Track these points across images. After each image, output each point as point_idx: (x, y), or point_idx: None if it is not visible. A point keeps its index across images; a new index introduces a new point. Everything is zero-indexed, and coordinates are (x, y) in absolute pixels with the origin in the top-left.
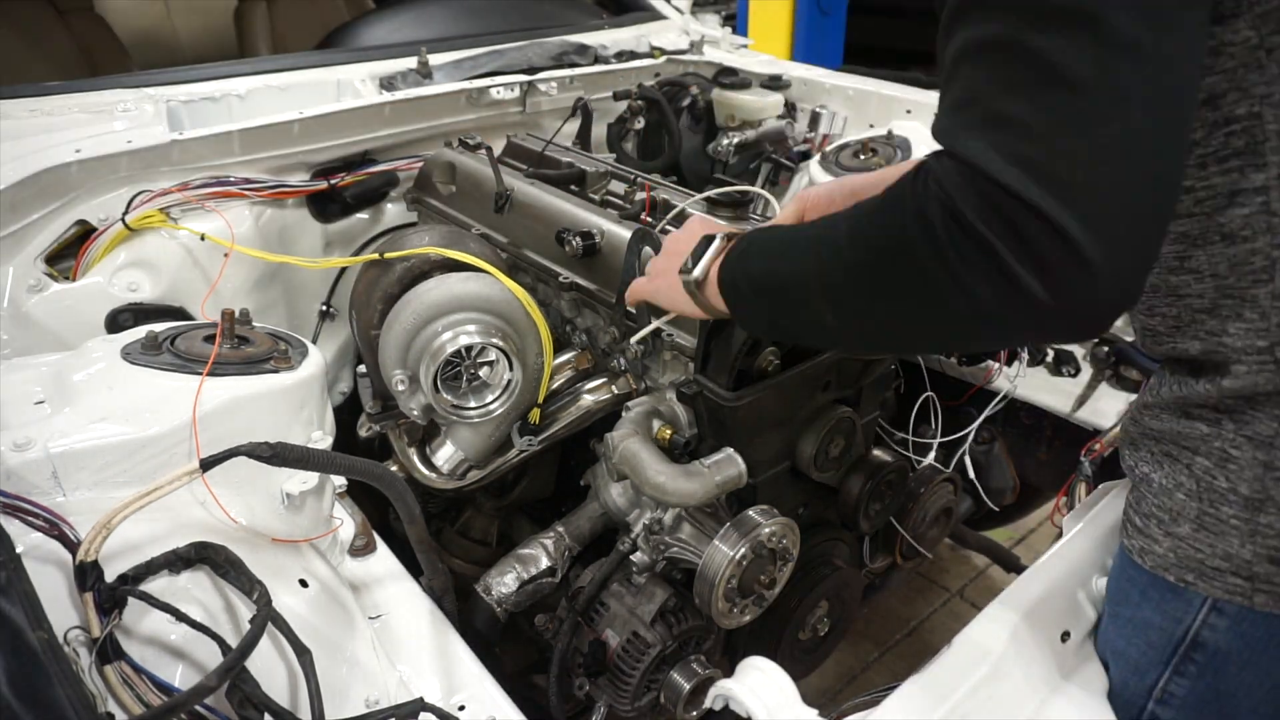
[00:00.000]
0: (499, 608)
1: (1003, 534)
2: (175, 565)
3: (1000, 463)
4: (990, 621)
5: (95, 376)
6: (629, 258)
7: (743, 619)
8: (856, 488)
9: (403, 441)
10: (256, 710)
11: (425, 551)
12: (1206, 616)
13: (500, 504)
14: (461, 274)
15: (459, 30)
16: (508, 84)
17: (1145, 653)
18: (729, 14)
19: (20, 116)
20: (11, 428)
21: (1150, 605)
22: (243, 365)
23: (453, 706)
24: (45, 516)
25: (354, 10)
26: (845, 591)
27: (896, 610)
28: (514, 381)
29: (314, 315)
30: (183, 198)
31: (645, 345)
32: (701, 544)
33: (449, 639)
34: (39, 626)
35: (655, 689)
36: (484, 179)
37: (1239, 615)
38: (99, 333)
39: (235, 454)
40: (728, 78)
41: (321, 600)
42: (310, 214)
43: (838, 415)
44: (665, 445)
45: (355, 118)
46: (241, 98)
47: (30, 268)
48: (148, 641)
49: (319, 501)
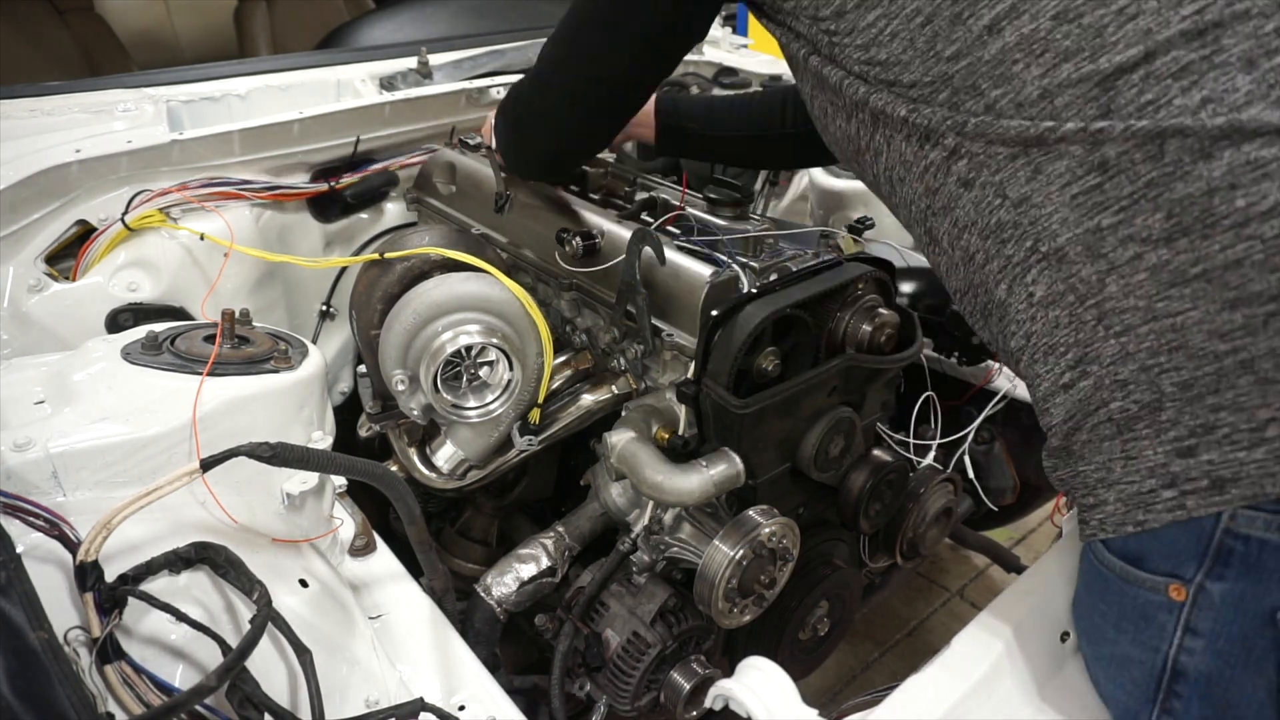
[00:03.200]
0: (499, 608)
1: (1003, 534)
2: (175, 565)
3: (1000, 463)
4: (990, 621)
5: (95, 376)
6: (629, 258)
7: (743, 619)
8: (856, 488)
9: (403, 441)
10: (256, 710)
11: (425, 552)
12: (1182, 640)
13: (500, 504)
14: (462, 274)
15: (459, 30)
16: (508, 84)
17: (1132, 693)
18: (729, 14)
19: (20, 116)
20: (11, 428)
21: (1126, 639)
22: (243, 365)
23: (453, 706)
24: (45, 516)
25: (354, 10)
26: (845, 591)
27: (896, 610)
28: (514, 381)
29: (314, 315)
30: (182, 198)
31: (645, 345)
32: (701, 544)
33: (449, 639)
34: (39, 626)
35: (655, 689)
36: (484, 179)
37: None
38: (99, 333)
39: (235, 454)
40: (728, 78)
41: (321, 600)
42: (310, 214)
43: (838, 415)
44: (664, 445)
45: (355, 118)
46: (241, 98)
47: (30, 268)
48: (148, 641)
49: (319, 501)
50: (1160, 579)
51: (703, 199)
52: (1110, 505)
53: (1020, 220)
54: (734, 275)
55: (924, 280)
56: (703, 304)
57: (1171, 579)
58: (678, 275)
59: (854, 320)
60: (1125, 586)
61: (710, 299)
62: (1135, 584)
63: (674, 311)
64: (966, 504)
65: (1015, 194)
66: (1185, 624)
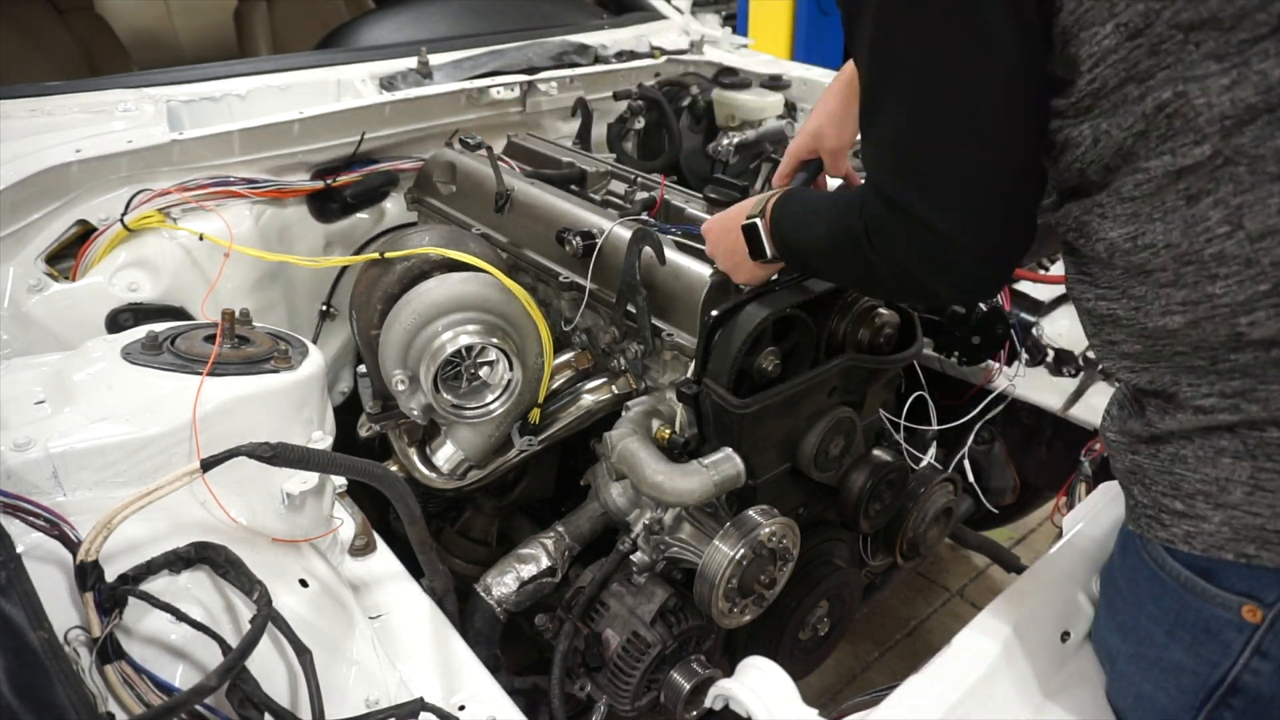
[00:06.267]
0: (499, 608)
1: (1003, 534)
2: (175, 565)
3: (1000, 463)
4: (990, 621)
5: (95, 376)
6: (629, 258)
7: (743, 619)
8: (856, 488)
9: (403, 441)
10: (257, 710)
11: (425, 552)
12: (1249, 661)
13: (500, 504)
14: (462, 274)
15: (459, 30)
16: (508, 84)
17: (1175, 698)
18: (729, 14)
19: (20, 116)
20: (12, 428)
21: (1180, 647)
22: (243, 365)
23: (453, 706)
24: (46, 516)
25: (354, 10)
26: (845, 591)
27: (896, 610)
28: (514, 381)
29: (314, 315)
30: (182, 198)
31: (645, 345)
32: (701, 544)
33: (449, 639)
34: (39, 626)
35: (655, 689)
36: (484, 179)
37: None
38: (99, 333)
39: (236, 454)
40: (728, 78)
41: (321, 600)
42: (310, 214)
43: (838, 415)
44: (664, 445)
45: (355, 118)
46: (242, 98)
47: (30, 268)
48: (148, 641)
49: (319, 501)
50: (1234, 598)
51: (703, 199)
52: (1211, 525)
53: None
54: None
55: None
56: (703, 304)
57: (1247, 599)
58: (678, 275)
59: (854, 320)
60: (1187, 596)
61: (710, 299)
62: (1200, 596)
63: (674, 311)
64: (966, 504)
65: (1256, 226)
66: (1256, 646)
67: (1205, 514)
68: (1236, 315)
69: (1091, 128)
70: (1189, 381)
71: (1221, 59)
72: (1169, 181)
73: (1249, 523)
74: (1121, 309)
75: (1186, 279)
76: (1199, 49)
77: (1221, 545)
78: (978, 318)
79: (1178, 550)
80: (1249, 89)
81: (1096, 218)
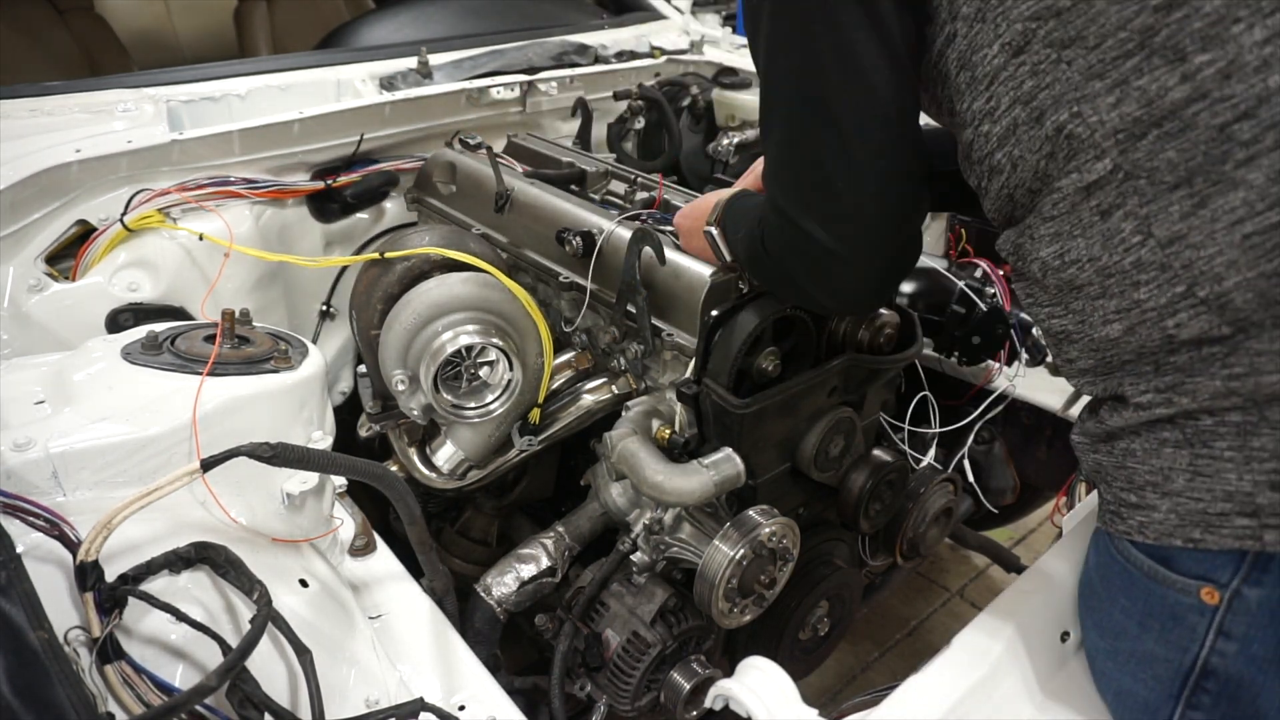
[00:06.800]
0: (499, 608)
1: (1003, 534)
2: (175, 565)
3: (1000, 463)
4: (990, 621)
5: (95, 376)
6: (629, 258)
7: (743, 619)
8: (856, 488)
9: (403, 441)
10: (257, 710)
11: (425, 552)
12: (1214, 643)
13: (500, 504)
14: (462, 274)
15: (459, 30)
16: (508, 84)
17: (1154, 689)
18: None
19: (20, 116)
20: (12, 428)
21: (1151, 636)
22: (243, 365)
23: (453, 706)
24: (45, 516)
25: (354, 10)
26: (845, 591)
27: (896, 610)
28: (514, 381)
29: (314, 315)
30: (182, 198)
31: (645, 345)
32: (701, 544)
33: (449, 639)
34: (39, 626)
35: (655, 689)
36: (484, 179)
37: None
38: (99, 333)
39: (236, 454)
40: (728, 78)
41: (321, 600)
42: (310, 214)
43: (838, 415)
44: (664, 445)
45: (355, 118)
46: (241, 98)
47: (30, 268)
48: (148, 641)
49: (319, 501)
50: (1191, 581)
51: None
52: (1160, 513)
53: (1169, 262)
54: (734, 275)
55: (924, 280)
56: (703, 304)
57: (1203, 582)
58: (678, 275)
59: (854, 320)
60: (1151, 585)
61: (710, 299)
62: (1163, 584)
63: (674, 311)
64: (966, 504)
65: (1164, 233)
66: (1218, 628)
67: (1154, 503)
68: (1163, 319)
69: (1006, 154)
70: (1130, 382)
71: (1103, 77)
72: (1081, 198)
73: (1192, 508)
74: (1070, 323)
75: (1113, 289)
76: (1071, 67)
77: (1170, 532)
78: (978, 318)
79: (1136, 541)
80: (1134, 104)
81: (1028, 239)
